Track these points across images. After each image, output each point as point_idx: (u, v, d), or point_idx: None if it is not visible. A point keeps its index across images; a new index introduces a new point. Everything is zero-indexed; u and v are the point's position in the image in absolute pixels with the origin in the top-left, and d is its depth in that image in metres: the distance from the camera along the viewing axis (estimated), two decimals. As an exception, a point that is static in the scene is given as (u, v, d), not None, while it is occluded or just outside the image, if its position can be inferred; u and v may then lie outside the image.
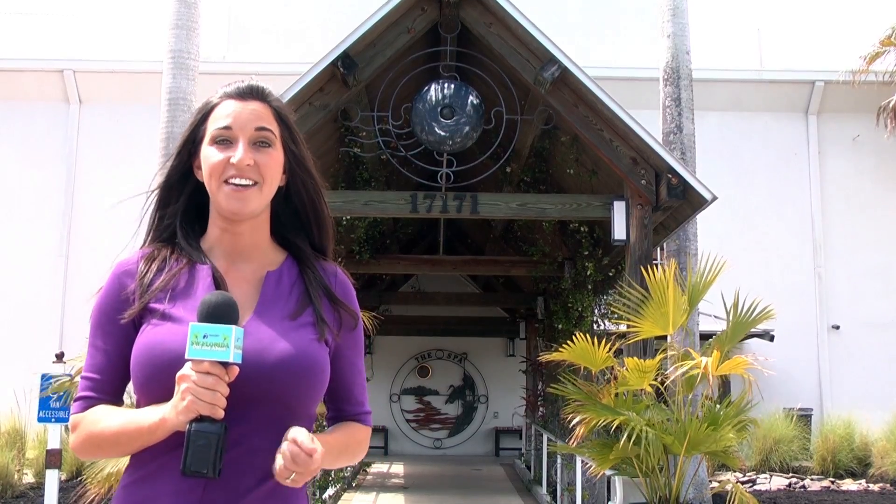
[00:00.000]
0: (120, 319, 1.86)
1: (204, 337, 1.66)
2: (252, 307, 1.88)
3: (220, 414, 1.66)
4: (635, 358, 7.26)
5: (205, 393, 1.64)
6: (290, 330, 1.85)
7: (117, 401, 1.91)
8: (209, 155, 1.89)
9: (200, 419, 1.65)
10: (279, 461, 1.70)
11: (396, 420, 20.75)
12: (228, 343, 1.66)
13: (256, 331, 1.81)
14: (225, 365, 1.67)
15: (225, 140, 1.88)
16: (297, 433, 1.70)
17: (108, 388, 1.89)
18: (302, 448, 1.69)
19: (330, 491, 11.74)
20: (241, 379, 1.71)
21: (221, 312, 1.69)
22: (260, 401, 1.77)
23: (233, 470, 1.72)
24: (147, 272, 1.91)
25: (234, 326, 1.68)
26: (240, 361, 1.69)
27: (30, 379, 8.88)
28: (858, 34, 17.68)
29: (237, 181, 1.86)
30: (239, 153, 1.86)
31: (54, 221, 18.21)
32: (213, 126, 1.90)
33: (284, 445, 1.70)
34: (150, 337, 1.81)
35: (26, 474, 12.59)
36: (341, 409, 2.02)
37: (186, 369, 1.67)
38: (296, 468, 1.69)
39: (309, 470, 1.70)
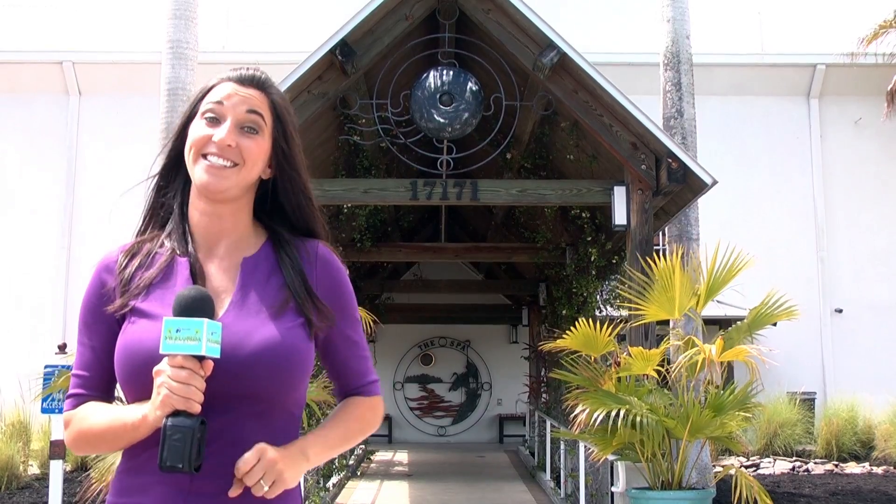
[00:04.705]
0: (103, 317, 1.87)
1: (177, 331, 1.65)
2: (229, 296, 1.86)
3: (196, 408, 1.66)
4: (640, 347, 7.27)
5: (179, 387, 1.64)
6: (266, 320, 1.82)
7: (108, 396, 1.91)
8: (195, 129, 1.88)
9: (176, 413, 1.65)
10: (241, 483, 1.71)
11: (400, 408, 20.80)
12: (200, 336, 1.65)
13: (232, 323, 1.79)
14: (200, 359, 1.67)
15: (214, 118, 1.87)
16: (240, 460, 1.70)
17: (97, 384, 1.89)
18: (240, 471, 1.69)
19: (334, 479, 11.78)
20: (220, 371, 1.71)
21: (195, 306, 1.68)
22: (239, 392, 1.76)
23: (218, 461, 1.72)
24: (126, 267, 1.90)
25: (205, 320, 1.67)
26: (216, 355, 1.68)
27: (34, 370, 8.90)
28: (861, 17, 17.59)
29: (215, 160, 1.85)
30: (221, 132, 1.84)
31: (56, 213, 18.23)
32: (205, 103, 1.89)
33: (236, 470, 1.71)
34: (129, 335, 1.81)
35: (31, 465, 12.61)
36: (343, 384, 2.01)
37: (162, 364, 1.67)
38: (253, 483, 1.69)
39: (279, 479, 1.72)
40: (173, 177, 1.97)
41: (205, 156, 1.85)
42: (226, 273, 1.90)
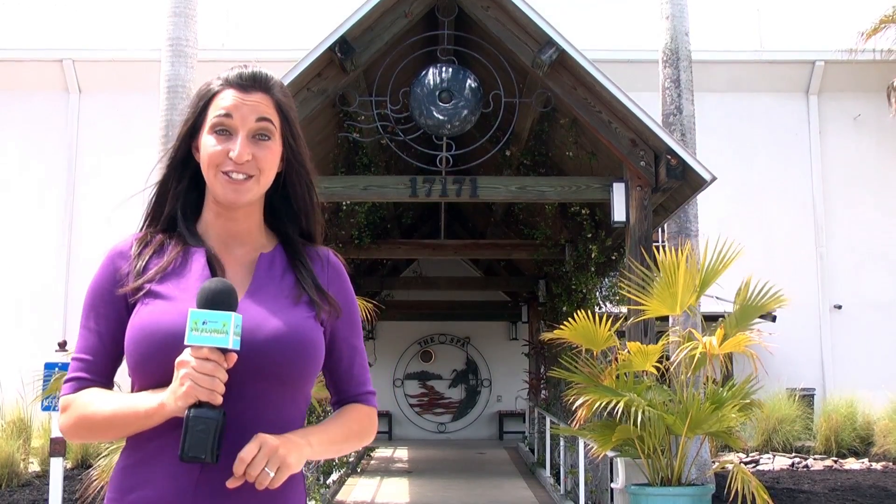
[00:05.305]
0: (113, 301, 1.88)
1: (203, 323, 1.67)
2: (245, 288, 1.89)
3: (219, 400, 1.68)
4: (638, 343, 7.29)
5: (204, 379, 1.65)
6: (283, 308, 1.86)
7: (108, 383, 1.92)
8: (208, 144, 1.89)
9: (199, 405, 1.67)
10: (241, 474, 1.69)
11: (400, 405, 20.82)
12: (227, 329, 1.67)
13: (249, 309, 1.82)
14: (224, 352, 1.69)
15: (224, 130, 1.89)
16: (242, 451, 1.69)
17: (100, 369, 1.90)
18: (243, 462, 1.68)
19: (334, 476, 11.79)
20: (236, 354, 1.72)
21: (221, 299, 1.71)
22: (253, 378, 1.78)
23: (227, 449, 1.72)
24: (141, 254, 1.92)
25: (233, 313, 1.70)
26: (238, 348, 1.70)
27: (34, 368, 8.91)
28: (860, 13, 17.57)
29: (234, 175, 1.88)
30: (237, 148, 1.87)
31: (56, 210, 18.24)
32: (213, 115, 1.90)
33: (235, 466, 1.69)
34: (145, 317, 1.82)
35: (32, 463, 12.62)
36: (342, 391, 2.02)
37: (186, 355, 1.68)
38: (258, 473, 1.68)
39: (283, 465, 1.70)
40: (175, 179, 1.99)
41: (223, 172, 1.88)
42: (241, 266, 1.94)
